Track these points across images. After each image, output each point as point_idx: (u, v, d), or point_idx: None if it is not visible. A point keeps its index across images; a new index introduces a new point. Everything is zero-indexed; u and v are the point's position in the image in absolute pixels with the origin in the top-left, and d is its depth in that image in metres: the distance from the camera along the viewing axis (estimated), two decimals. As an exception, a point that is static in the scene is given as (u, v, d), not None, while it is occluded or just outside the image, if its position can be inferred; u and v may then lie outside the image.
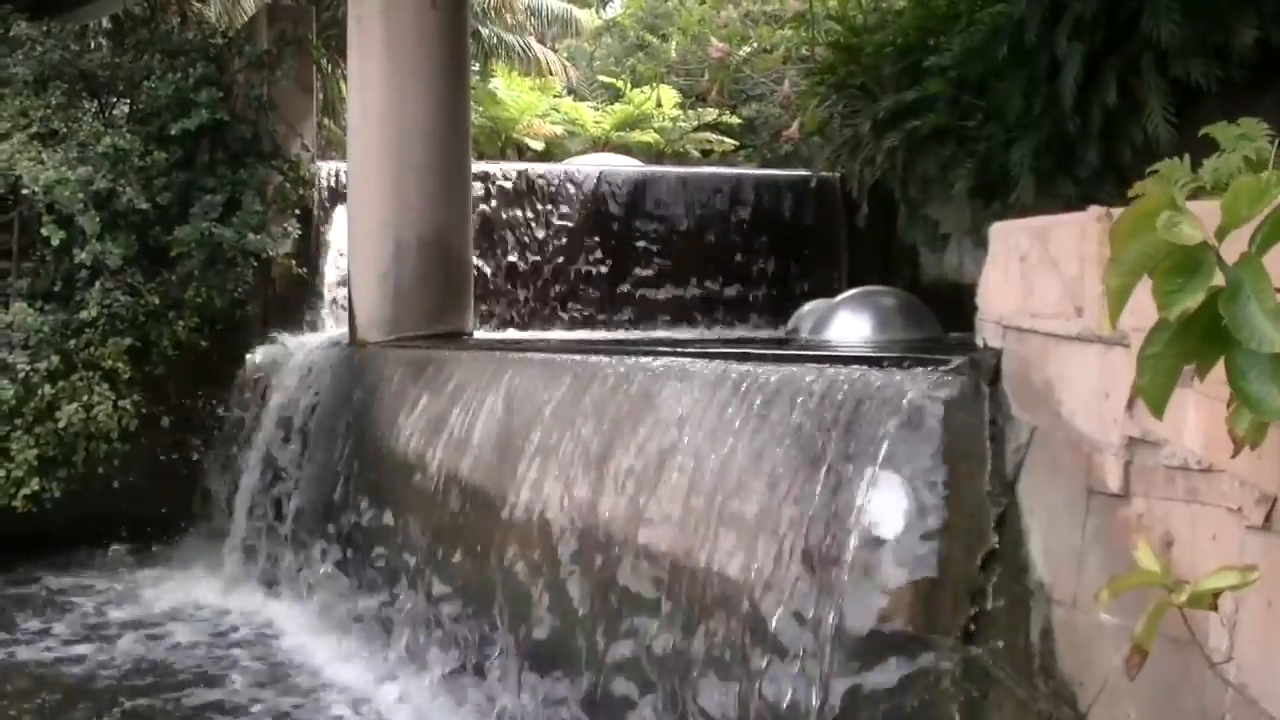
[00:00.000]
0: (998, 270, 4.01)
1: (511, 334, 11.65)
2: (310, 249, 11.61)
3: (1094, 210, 3.32)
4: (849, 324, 8.46)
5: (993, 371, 3.95)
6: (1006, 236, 3.92)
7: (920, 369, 4.36)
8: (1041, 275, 3.61)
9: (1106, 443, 3.21)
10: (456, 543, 7.13)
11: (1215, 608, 2.42)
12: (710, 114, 18.32)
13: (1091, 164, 8.85)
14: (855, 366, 4.67)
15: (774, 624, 4.44)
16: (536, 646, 6.05)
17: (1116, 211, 3.21)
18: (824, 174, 12.72)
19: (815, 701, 4.13)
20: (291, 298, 11.53)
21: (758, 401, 4.90)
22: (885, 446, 4.12)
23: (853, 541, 4.14)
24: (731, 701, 4.60)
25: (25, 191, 10.10)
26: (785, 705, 4.28)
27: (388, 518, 8.15)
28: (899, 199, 11.55)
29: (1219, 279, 1.97)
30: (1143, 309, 2.15)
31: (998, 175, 9.49)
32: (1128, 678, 2.42)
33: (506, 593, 6.40)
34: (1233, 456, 2.27)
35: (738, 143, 18.01)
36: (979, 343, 4.24)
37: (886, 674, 3.99)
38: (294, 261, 11.35)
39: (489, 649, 6.52)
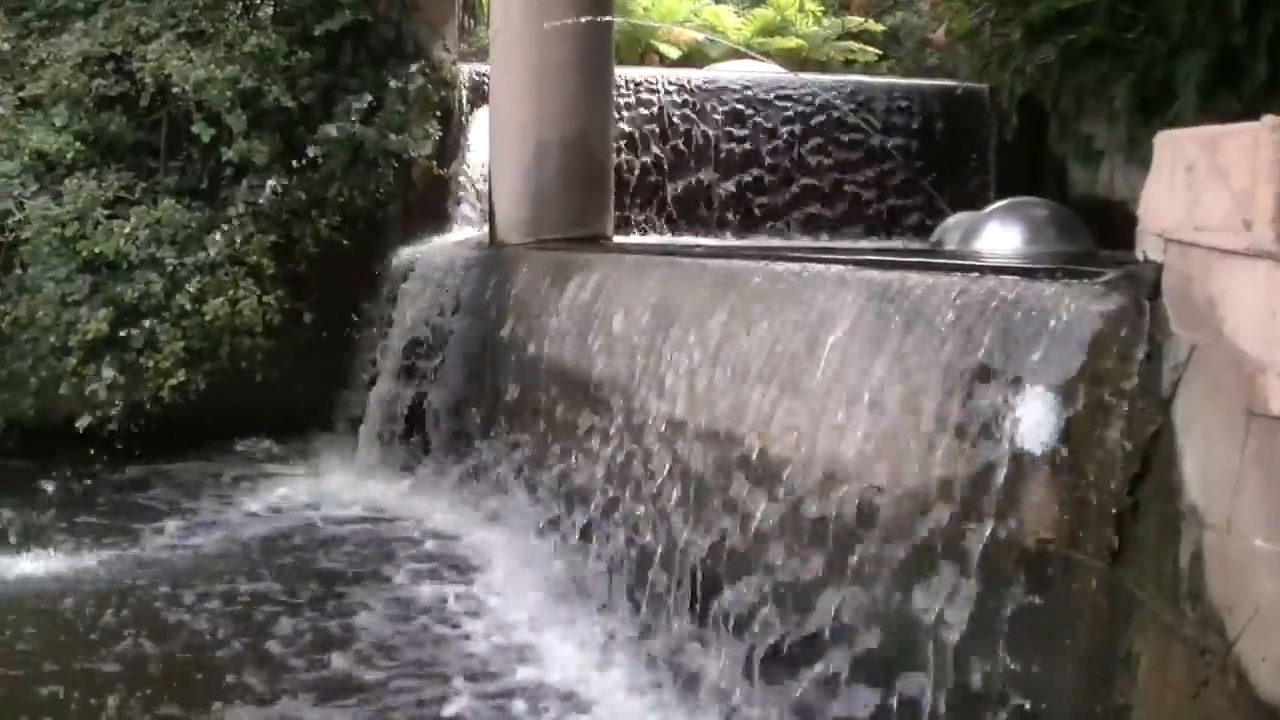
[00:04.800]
0: (1161, 181, 3.86)
1: (651, 239, 11.57)
2: (451, 151, 11.66)
3: (1269, 120, 3.16)
4: (998, 235, 8.24)
5: (1152, 286, 3.82)
6: (1173, 146, 3.77)
7: (1075, 281, 4.22)
8: (1209, 187, 3.46)
9: (1271, 363, 3.08)
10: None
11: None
12: (854, 21, 17.94)
13: (1259, 78, 8.50)
14: (1006, 277, 4.55)
15: (918, 537, 4.39)
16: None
17: (1295, 120, 3.07)
18: (970, 84, 12.41)
19: (960, 615, 4.09)
20: (431, 199, 11.60)
21: (904, 309, 4.80)
22: (1036, 359, 4.01)
23: (1001, 456, 4.06)
24: (867, 612, 4.59)
25: (175, 90, 10.26)
26: (929, 619, 4.24)
27: (523, 416, 8.24)
28: (1050, 112, 11.24)
29: None
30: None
31: (1157, 90, 9.17)
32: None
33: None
34: None
35: (880, 53, 17.62)
36: (1138, 256, 4.11)
37: (1030, 591, 3.93)
38: (435, 163, 11.41)
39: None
